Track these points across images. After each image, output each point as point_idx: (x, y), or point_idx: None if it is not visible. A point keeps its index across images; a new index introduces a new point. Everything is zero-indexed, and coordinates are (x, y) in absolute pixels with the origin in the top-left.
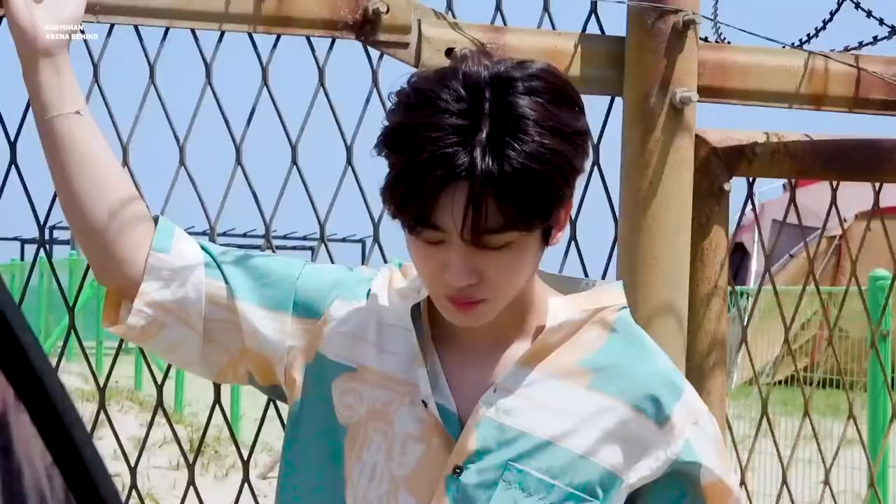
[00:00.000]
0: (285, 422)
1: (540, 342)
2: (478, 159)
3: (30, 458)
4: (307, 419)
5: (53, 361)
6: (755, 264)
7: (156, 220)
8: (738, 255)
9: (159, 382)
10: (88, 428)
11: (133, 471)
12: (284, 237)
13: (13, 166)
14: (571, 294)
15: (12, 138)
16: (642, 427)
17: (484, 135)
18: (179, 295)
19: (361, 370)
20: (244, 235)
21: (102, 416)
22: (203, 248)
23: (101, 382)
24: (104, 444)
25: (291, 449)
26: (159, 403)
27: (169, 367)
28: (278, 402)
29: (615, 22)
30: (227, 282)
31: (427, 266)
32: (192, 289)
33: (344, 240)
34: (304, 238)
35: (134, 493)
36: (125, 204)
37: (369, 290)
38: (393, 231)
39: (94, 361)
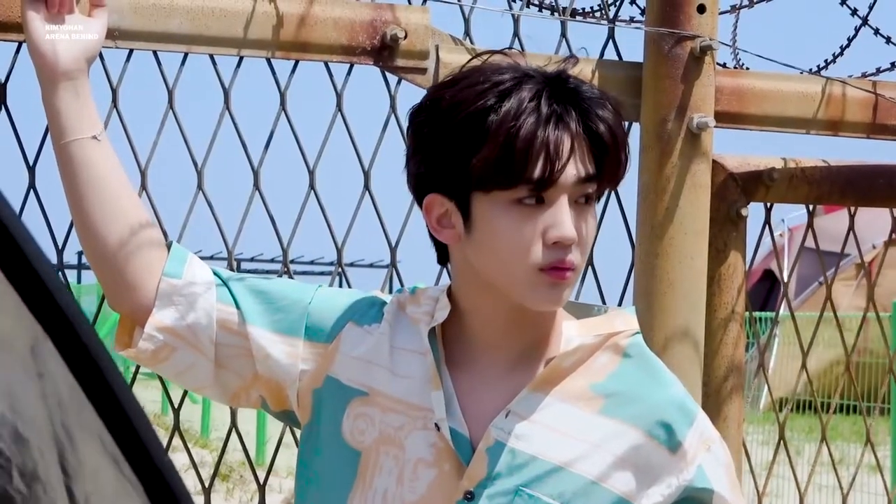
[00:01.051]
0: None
1: (553, 367)
2: (571, 114)
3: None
4: (319, 443)
5: None
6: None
7: (169, 246)
8: (768, 282)
9: (176, 406)
10: None
11: None
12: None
13: (31, 190)
14: (584, 319)
15: (31, 163)
16: (654, 453)
17: (580, 94)
18: (191, 320)
19: (373, 394)
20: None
21: None
22: (215, 273)
23: None
24: None
25: (304, 472)
26: (176, 427)
27: (185, 391)
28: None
29: (633, 48)
30: (238, 307)
31: (523, 235)
32: (204, 314)
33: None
34: (313, 262)
35: None
36: (137, 230)
37: (382, 315)
38: (409, 256)
39: None
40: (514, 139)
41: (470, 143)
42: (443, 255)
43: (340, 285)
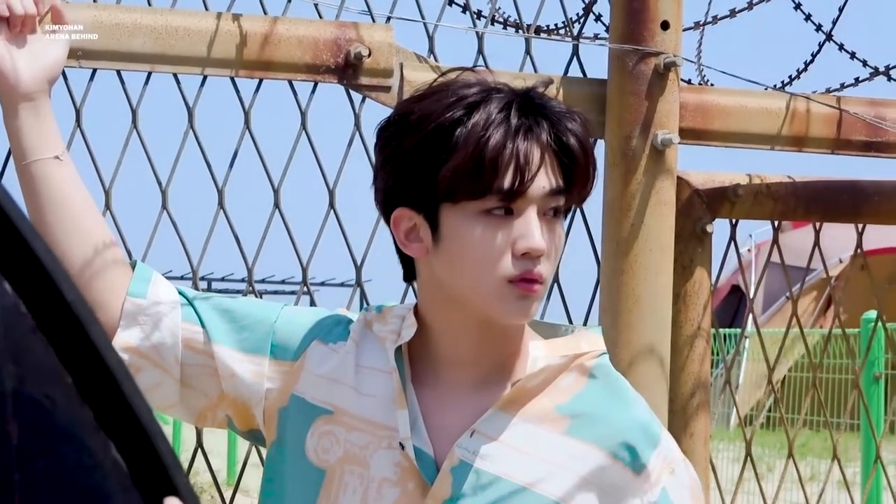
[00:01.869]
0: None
1: (518, 388)
2: (541, 126)
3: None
4: (283, 461)
5: None
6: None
7: (134, 265)
8: (736, 297)
9: None
10: None
11: None
12: (263, 281)
13: None
14: (551, 339)
15: None
16: (618, 474)
17: (547, 107)
18: (155, 340)
19: (338, 413)
20: (223, 279)
21: None
22: (180, 292)
23: None
24: None
25: (268, 491)
26: None
27: None
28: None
29: (597, 65)
30: (203, 326)
31: (492, 246)
32: (169, 334)
33: (342, 284)
34: (283, 282)
35: None
36: (101, 249)
37: (347, 333)
38: (379, 274)
39: None
40: (484, 149)
41: (438, 154)
42: (409, 271)
43: (309, 305)
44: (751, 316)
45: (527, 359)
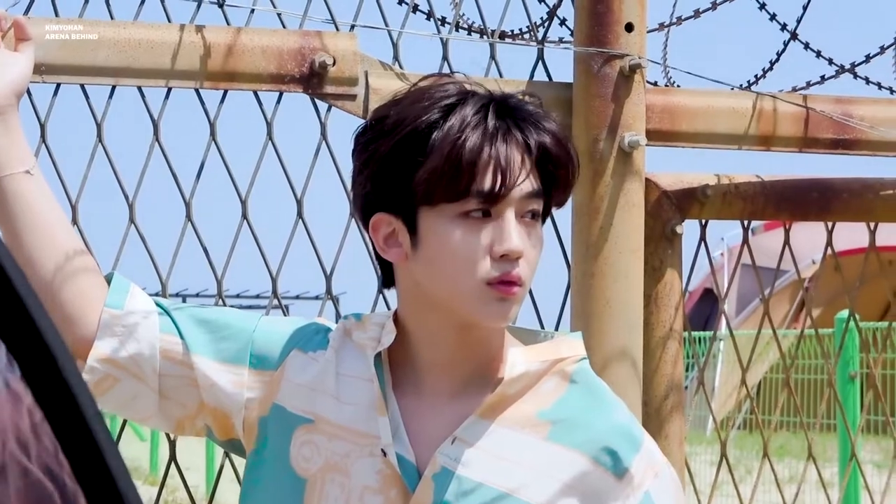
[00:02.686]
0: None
1: (498, 394)
2: (519, 128)
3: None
4: (263, 470)
5: None
6: (726, 308)
7: (111, 277)
8: (709, 300)
9: (115, 438)
10: None
11: None
12: (238, 296)
13: None
14: (531, 345)
15: None
16: (601, 479)
17: (524, 110)
18: (133, 351)
19: (319, 421)
20: (198, 295)
21: None
22: (157, 303)
23: None
24: None
25: (248, 500)
26: None
27: (122, 426)
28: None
29: (563, 68)
30: (182, 337)
31: (470, 248)
32: (147, 345)
33: (316, 297)
34: (258, 296)
35: None
36: (73, 257)
37: (327, 341)
38: (349, 287)
39: None
40: (461, 150)
41: (414, 158)
42: (388, 278)
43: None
44: (729, 318)
45: (506, 365)
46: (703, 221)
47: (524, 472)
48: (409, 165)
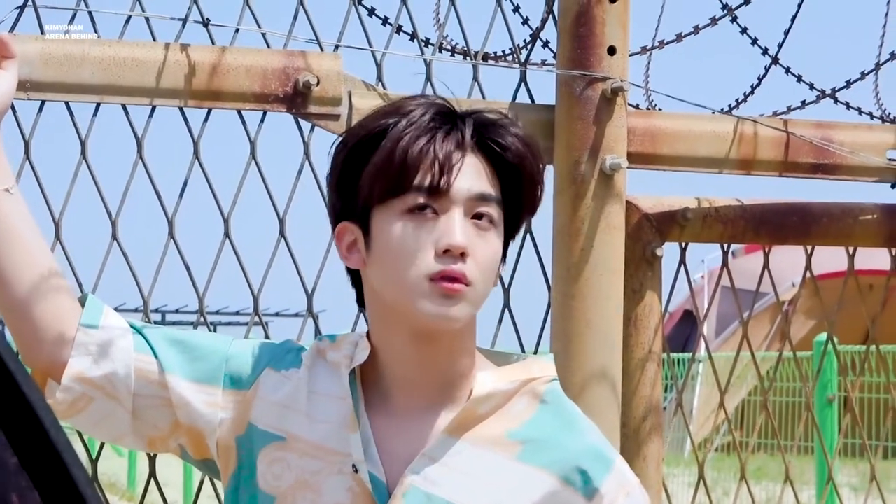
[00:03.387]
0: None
1: (465, 411)
2: (466, 128)
3: None
4: (239, 491)
5: None
6: (706, 331)
7: (85, 297)
8: (689, 322)
9: (94, 458)
10: None
11: None
12: (218, 312)
13: None
14: (502, 366)
15: None
16: (570, 499)
17: (477, 115)
18: (108, 370)
19: (291, 439)
20: (177, 311)
21: None
22: (131, 324)
23: None
24: None
25: None
26: (94, 478)
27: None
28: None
29: (545, 90)
30: (156, 356)
31: (414, 243)
32: (121, 365)
33: (296, 315)
34: (238, 313)
35: None
36: (48, 278)
37: (300, 360)
38: (329, 305)
39: None
40: (400, 145)
41: (366, 160)
42: (361, 296)
43: (265, 336)
44: (709, 341)
45: (476, 383)
46: (683, 244)
47: (493, 492)
48: (361, 169)
